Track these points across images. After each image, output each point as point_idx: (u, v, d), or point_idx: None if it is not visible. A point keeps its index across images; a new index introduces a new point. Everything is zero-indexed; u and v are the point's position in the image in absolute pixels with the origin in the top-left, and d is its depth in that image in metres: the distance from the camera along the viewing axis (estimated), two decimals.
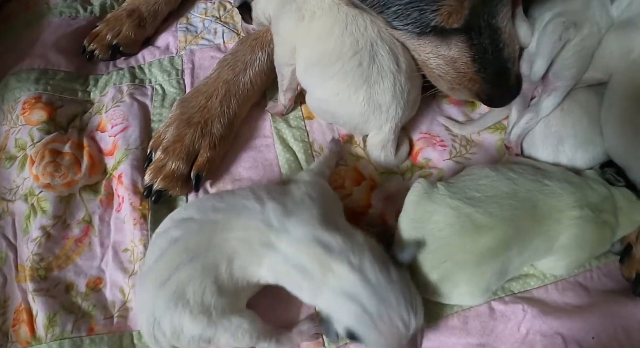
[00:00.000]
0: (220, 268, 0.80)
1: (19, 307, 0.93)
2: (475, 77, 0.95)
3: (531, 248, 0.86)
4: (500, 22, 0.91)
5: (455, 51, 0.92)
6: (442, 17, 0.82)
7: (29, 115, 1.12)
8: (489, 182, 0.88)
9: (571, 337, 0.88)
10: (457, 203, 0.85)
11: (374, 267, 0.77)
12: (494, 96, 0.98)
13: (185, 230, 0.83)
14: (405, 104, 0.98)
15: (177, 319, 0.78)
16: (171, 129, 1.05)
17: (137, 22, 1.28)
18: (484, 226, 0.83)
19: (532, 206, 0.86)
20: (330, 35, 0.96)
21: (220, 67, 1.11)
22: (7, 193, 1.05)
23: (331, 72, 0.97)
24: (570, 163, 0.98)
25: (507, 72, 0.96)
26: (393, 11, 0.84)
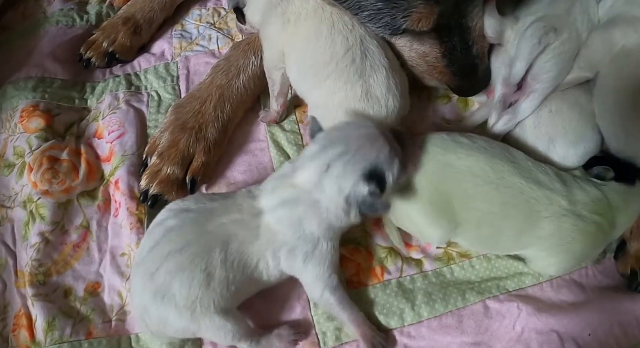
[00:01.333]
0: (213, 255, 0.80)
1: (18, 312, 0.94)
2: (444, 70, 1.02)
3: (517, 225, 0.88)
4: (470, 21, 0.96)
5: (426, 46, 0.99)
6: (412, 22, 0.87)
7: (27, 123, 1.13)
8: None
9: (567, 333, 0.88)
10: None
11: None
12: (462, 87, 1.06)
13: (180, 219, 0.84)
14: (400, 95, 0.98)
15: (162, 311, 0.80)
16: (166, 134, 1.06)
17: (133, 30, 1.29)
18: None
19: (524, 179, 0.88)
20: (319, 35, 0.96)
21: (214, 73, 1.12)
22: (6, 200, 1.06)
23: (326, 73, 0.96)
24: (562, 161, 0.99)
25: (475, 66, 1.02)
26: (366, 14, 0.89)
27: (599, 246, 0.91)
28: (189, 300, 0.79)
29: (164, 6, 1.34)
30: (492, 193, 0.87)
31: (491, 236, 0.91)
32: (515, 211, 0.87)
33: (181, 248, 0.80)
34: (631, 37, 1.00)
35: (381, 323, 0.90)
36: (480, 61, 1.02)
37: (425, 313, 0.90)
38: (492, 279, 0.95)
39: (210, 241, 0.81)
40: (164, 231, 0.83)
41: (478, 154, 0.89)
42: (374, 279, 0.94)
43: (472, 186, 0.87)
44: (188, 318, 0.80)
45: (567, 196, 0.88)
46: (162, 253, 0.80)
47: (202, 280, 0.79)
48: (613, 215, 0.89)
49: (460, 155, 0.89)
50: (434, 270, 0.96)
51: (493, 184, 0.87)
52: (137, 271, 0.84)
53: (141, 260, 0.83)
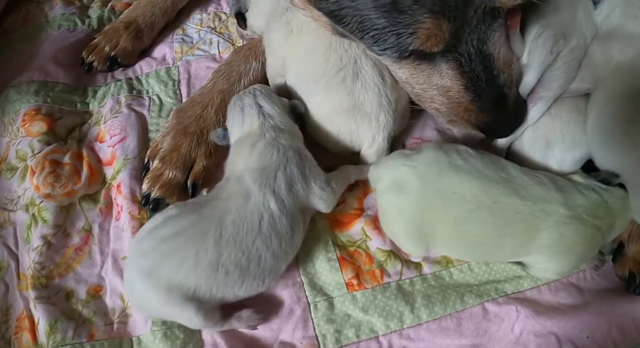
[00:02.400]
0: (207, 238, 0.84)
1: (20, 315, 0.94)
2: (470, 106, 0.92)
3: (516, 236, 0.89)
4: (492, 48, 0.88)
5: (447, 79, 0.90)
6: (420, 40, 0.79)
7: (29, 127, 1.13)
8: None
9: (565, 336, 0.89)
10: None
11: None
12: (494, 125, 0.94)
13: (180, 209, 0.90)
14: (394, 113, 1.00)
15: (145, 289, 0.84)
16: (168, 138, 1.06)
17: (134, 34, 1.30)
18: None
19: (519, 198, 0.88)
20: (316, 50, 0.98)
21: (216, 78, 1.13)
22: (9, 203, 1.07)
23: (316, 89, 0.99)
24: (559, 165, 0.99)
25: (504, 98, 0.92)
26: (371, 36, 0.81)
27: (595, 249, 0.92)
28: (171, 283, 0.83)
29: (165, 11, 1.35)
30: (485, 217, 0.88)
31: (487, 252, 0.93)
32: (512, 229, 0.88)
33: (176, 233, 0.85)
34: (626, 53, 0.99)
35: (381, 325, 0.91)
36: (509, 90, 0.92)
37: (424, 315, 0.91)
38: (490, 282, 0.95)
39: (205, 225, 0.85)
40: (164, 217, 0.88)
41: (472, 179, 0.88)
42: (373, 282, 0.94)
43: (465, 211, 0.88)
44: (164, 299, 0.83)
45: (566, 203, 0.88)
46: (158, 236, 0.85)
47: (190, 264, 0.83)
48: (613, 219, 0.90)
49: (454, 181, 0.88)
50: (433, 273, 0.96)
51: (487, 208, 0.87)
52: (132, 249, 0.90)
53: (138, 239, 0.89)
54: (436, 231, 0.90)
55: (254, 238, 0.85)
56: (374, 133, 0.99)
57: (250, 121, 0.97)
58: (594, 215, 0.88)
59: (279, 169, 0.90)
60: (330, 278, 0.95)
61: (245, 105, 0.98)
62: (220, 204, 0.88)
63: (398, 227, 0.94)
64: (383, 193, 0.94)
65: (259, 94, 1.00)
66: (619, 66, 0.99)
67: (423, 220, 0.90)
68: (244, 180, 0.89)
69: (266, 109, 0.97)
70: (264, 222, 0.87)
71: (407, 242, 0.94)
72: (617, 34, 1.02)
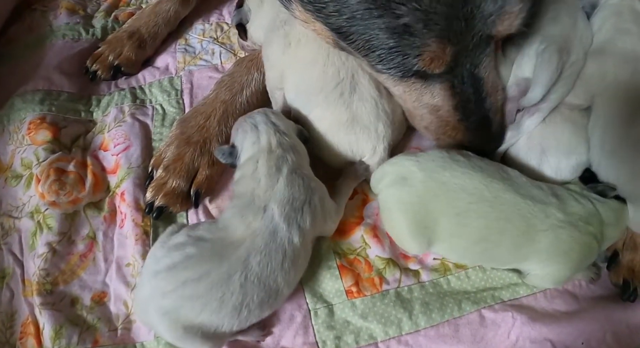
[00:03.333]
0: (233, 281, 0.82)
1: (26, 321, 0.95)
2: (457, 125, 0.96)
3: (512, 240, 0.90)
4: (483, 72, 0.91)
5: (438, 99, 0.94)
6: (425, 62, 0.82)
7: (34, 135, 1.14)
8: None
9: (560, 342, 0.90)
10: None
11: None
12: (476, 143, 0.99)
13: (199, 248, 0.85)
14: (392, 124, 1.01)
15: (159, 323, 0.83)
16: (172, 148, 1.08)
17: (138, 44, 1.31)
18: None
19: (519, 196, 0.90)
20: (315, 63, 1.00)
21: (218, 88, 1.14)
22: (14, 210, 1.07)
23: (315, 102, 1.00)
24: (554, 172, 1.00)
25: (489, 121, 0.97)
26: (377, 55, 0.83)
27: (592, 257, 0.93)
28: (191, 323, 0.82)
29: (168, 21, 1.36)
30: (487, 209, 0.89)
31: (487, 250, 0.93)
32: (512, 226, 0.89)
33: (199, 277, 0.82)
34: (622, 68, 1.00)
35: (380, 331, 0.92)
36: (494, 115, 0.97)
37: (422, 322, 0.92)
38: (487, 289, 0.97)
39: (230, 268, 0.83)
40: (183, 257, 0.84)
41: (473, 173, 0.91)
42: (372, 289, 0.95)
43: (467, 203, 0.89)
44: (180, 336, 0.83)
45: (562, 208, 0.90)
46: (180, 278, 0.82)
47: (214, 307, 0.82)
48: (602, 229, 0.91)
49: (456, 173, 0.91)
50: (431, 281, 0.97)
51: (488, 202, 0.89)
52: (149, 284, 0.85)
53: (156, 273, 0.85)
54: (438, 224, 0.90)
55: (276, 276, 0.85)
56: (374, 143, 1.00)
57: (267, 137, 0.94)
58: (588, 223, 0.90)
59: (305, 203, 0.89)
60: (330, 285, 0.96)
61: (259, 122, 0.97)
62: (245, 243, 0.85)
63: (400, 221, 0.94)
64: (386, 189, 0.95)
65: (270, 114, 0.99)
66: (616, 82, 1.00)
67: (425, 211, 0.91)
68: (271, 214, 0.87)
69: (281, 127, 0.96)
70: (287, 258, 0.86)
71: (408, 237, 0.94)
72: (610, 49, 1.02)
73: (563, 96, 1.01)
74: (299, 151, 0.96)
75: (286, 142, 0.95)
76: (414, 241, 0.94)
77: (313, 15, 0.86)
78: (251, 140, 0.95)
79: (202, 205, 1.07)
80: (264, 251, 0.84)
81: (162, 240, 0.90)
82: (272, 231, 0.86)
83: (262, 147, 0.93)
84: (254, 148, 0.94)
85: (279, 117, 0.98)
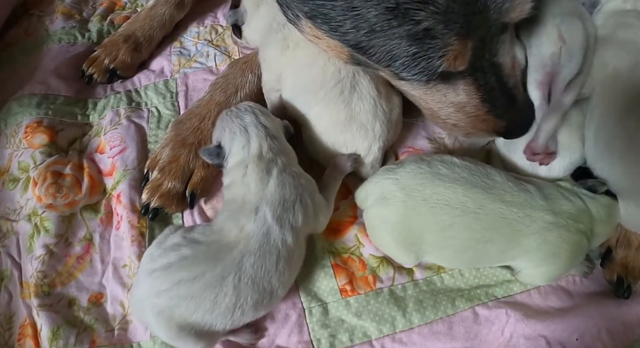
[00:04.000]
0: (226, 283, 0.83)
1: (24, 322, 0.96)
2: (486, 117, 0.94)
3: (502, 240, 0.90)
4: (501, 58, 0.91)
5: (463, 95, 0.92)
6: (449, 61, 0.81)
7: (31, 139, 1.15)
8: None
9: (554, 338, 0.90)
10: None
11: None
12: (509, 128, 0.97)
13: (194, 250, 0.86)
14: (389, 123, 1.02)
15: (154, 321, 0.84)
16: (167, 150, 1.08)
17: (133, 47, 1.32)
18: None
19: (504, 204, 0.90)
20: (314, 64, 1.00)
21: (213, 90, 1.15)
22: (11, 213, 1.08)
23: (314, 100, 1.01)
24: (548, 170, 1.00)
25: (514, 100, 0.95)
26: (400, 63, 0.82)
27: (582, 254, 0.94)
28: (185, 322, 0.83)
29: (163, 24, 1.36)
30: (471, 221, 0.89)
31: (474, 258, 0.94)
32: (498, 234, 0.89)
33: (194, 278, 0.82)
34: (623, 60, 1.00)
35: (374, 330, 0.92)
36: (517, 91, 0.95)
37: (416, 320, 0.93)
38: (481, 287, 0.97)
39: (224, 270, 0.83)
40: (179, 258, 0.85)
41: (456, 186, 0.90)
42: (366, 288, 0.96)
43: (451, 217, 0.89)
44: (174, 335, 0.84)
45: (550, 209, 0.90)
46: (175, 278, 0.83)
47: (207, 307, 0.82)
48: (593, 226, 0.92)
49: (438, 189, 0.90)
50: (424, 279, 0.98)
51: (472, 214, 0.89)
52: (144, 282, 0.86)
53: (151, 271, 0.85)
54: (423, 239, 0.91)
55: (270, 277, 0.85)
56: (370, 142, 1.01)
57: (257, 141, 0.93)
58: (578, 220, 0.90)
59: (296, 202, 0.90)
60: (324, 284, 0.97)
61: (249, 124, 0.95)
62: (239, 246, 0.85)
63: (386, 239, 0.95)
64: (370, 208, 0.96)
65: (259, 113, 0.97)
66: (615, 72, 1.00)
67: (409, 229, 0.91)
68: (263, 216, 0.87)
69: (271, 130, 0.95)
70: (281, 259, 0.86)
71: (397, 253, 0.96)
72: (612, 40, 1.02)
73: (589, 67, 0.99)
74: (288, 151, 0.97)
75: (276, 146, 0.94)
76: (402, 255, 0.96)
77: (327, 33, 0.85)
78: (240, 144, 0.94)
79: (198, 206, 1.07)
80: (257, 253, 0.85)
81: (159, 240, 0.91)
82: (265, 232, 0.86)
83: (253, 152, 0.92)
84: (244, 152, 0.93)
85: (267, 117, 0.98)
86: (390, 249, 0.97)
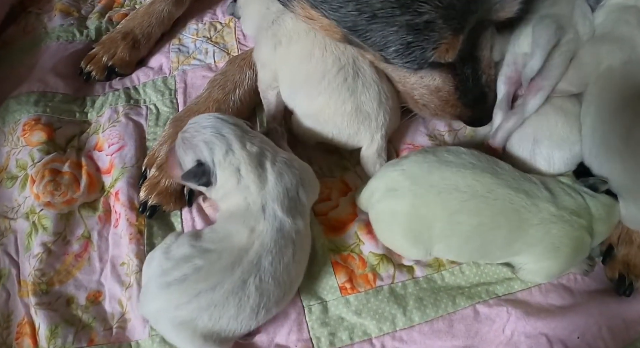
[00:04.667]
0: (248, 286, 0.82)
1: (22, 321, 0.95)
2: (456, 103, 1.01)
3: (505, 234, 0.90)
4: (480, 53, 0.97)
5: (439, 81, 0.98)
6: (440, 53, 0.86)
7: (29, 136, 1.15)
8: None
9: (556, 336, 0.90)
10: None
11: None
12: (474, 118, 1.05)
13: (207, 260, 0.84)
14: (390, 110, 1.02)
15: (174, 333, 0.84)
16: (164, 147, 1.08)
17: (132, 44, 1.32)
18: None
19: (512, 190, 0.89)
20: (311, 56, 1.00)
21: (211, 87, 1.15)
22: (9, 211, 1.08)
23: (318, 90, 1.00)
24: (547, 163, 1.00)
25: (485, 96, 1.02)
26: (394, 50, 0.87)
27: (584, 251, 0.93)
28: (210, 331, 0.82)
29: (161, 21, 1.37)
30: (481, 205, 0.89)
31: (481, 247, 0.93)
32: (506, 220, 0.89)
33: (214, 287, 0.81)
34: (616, 57, 1.00)
35: (374, 328, 0.92)
36: (489, 90, 1.03)
37: (416, 318, 0.92)
38: (481, 284, 0.97)
39: (243, 273, 0.83)
40: (193, 269, 0.83)
41: (464, 170, 0.90)
42: (366, 285, 0.96)
43: (459, 202, 0.89)
44: (198, 344, 0.83)
45: (554, 202, 0.90)
46: (194, 290, 0.81)
47: (232, 313, 0.82)
48: (592, 224, 0.91)
49: (446, 174, 0.90)
50: (425, 276, 0.97)
51: (482, 197, 0.89)
52: (161, 295, 0.84)
53: (167, 285, 0.83)
54: (433, 227, 0.90)
55: (289, 270, 0.86)
56: (373, 131, 1.01)
57: (239, 142, 0.89)
58: (580, 216, 0.90)
59: (298, 186, 0.90)
60: (324, 282, 0.96)
61: (221, 129, 0.90)
62: (253, 247, 0.85)
63: (395, 232, 0.94)
64: (378, 204, 0.95)
65: (221, 117, 0.93)
66: (609, 70, 1.00)
67: (419, 217, 0.91)
68: (273, 212, 0.87)
69: (242, 126, 0.93)
70: (297, 249, 0.87)
71: (406, 246, 0.95)
72: (608, 37, 1.03)
73: (561, 75, 1.01)
74: (266, 140, 0.95)
75: (256, 138, 0.92)
76: (413, 248, 0.95)
77: (322, 13, 0.88)
78: (222, 150, 0.89)
79: (196, 204, 1.07)
80: (274, 250, 0.85)
81: (164, 250, 0.89)
82: (278, 228, 0.86)
83: (239, 153, 0.89)
84: (229, 157, 0.89)
85: (229, 116, 0.94)
86: (399, 243, 0.96)
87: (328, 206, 1.04)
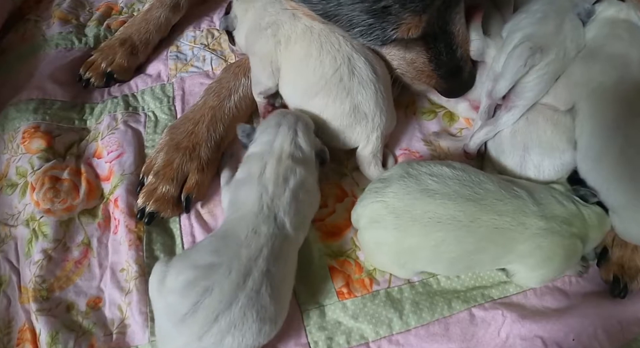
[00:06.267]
0: (263, 296, 0.82)
1: (22, 327, 0.96)
2: (431, 74, 1.06)
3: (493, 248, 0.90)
4: (453, 28, 1.01)
5: (414, 53, 1.04)
6: (402, 32, 0.91)
7: (28, 144, 1.15)
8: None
9: (551, 339, 0.90)
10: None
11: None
12: (449, 89, 1.11)
13: (215, 281, 0.81)
14: (386, 110, 1.03)
15: None
16: (161, 154, 1.08)
17: (130, 51, 1.32)
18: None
19: (497, 214, 0.89)
20: (309, 56, 1.02)
21: (207, 95, 1.16)
22: (10, 218, 1.08)
23: (315, 90, 1.02)
24: (537, 171, 1.01)
25: (460, 69, 1.07)
26: (358, 31, 0.92)
27: (577, 256, 0.93)
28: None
29: (159, 27, 1.37)
30: (464, 235, 0.88)
31: (468, 267, 0.95)
32: (491, 244, 0.89)
33: (229, 306, 0.80)
34: (609, 75, 1.00)
35: (371, 332, 0.93)
36: (465, 64, 1.07)
37: (412, 321, 0.93)
38: (477, 288, 0.97)
39: (255, 283, 0.82)
40: (201, 293, 0.80)
41: (447, 202, 0.88)
42: (363, 290, 0.96)
43: (444, 233, 0.88)
44: None
45: (543, 215, 0.89)
46: (210, 317, 0.79)
47: (254, 329, 0.81)
48: (586, 231, 0.92)
49: (429, 207, 0.88)
50: (420, 281, 0.98)
51: (465, 227, 0.87)
52: (179, 330, 0.80)
53: (182, 319, 0.79)
54: (418, 256, 0.91)
55: (292, 272, 0.90)
56: (369, 132, 1.03)
57: (280, 143, 0.95)
58: (571, 224, 0.90)
59: (309, 212, 0.96)
60: (321, 287, 0.97)
61: (283, 123, 0.98)
62: (262, 254, 0.84)
63: (382, 260, 0.96)
64: (363, 230, 0.95)
65: (300, 122, 0.99)
66: (602, 88, 1.00)
67: (403, 249, 0.91)
68: (282, 224, 0.89)
69: (300, 139, 0.97)
70: (297, 253, 0.92)
71: (394, 269, 0.97)
72: (600, 54, 1.03)
73: (539, 95, 1.03)
74: (310, 167, 0.97)
75: (299, 156, 0.95)
76: (400, 270, 0.96)
77: (299, 3, 0.97)
78: (267, 137, 0.97)
79: (194, 210, 1.08)
80: (279, 257, 0.86)
81: (156, 287, 0.86)
82: (284, 238, 0.89)
83: (272, 151, 0.95)
84: (264, 146, 0.96)
85: (306, 129, 0.99)
86: (387, 267, 0.97)
87: (325, 213, 1.05)
